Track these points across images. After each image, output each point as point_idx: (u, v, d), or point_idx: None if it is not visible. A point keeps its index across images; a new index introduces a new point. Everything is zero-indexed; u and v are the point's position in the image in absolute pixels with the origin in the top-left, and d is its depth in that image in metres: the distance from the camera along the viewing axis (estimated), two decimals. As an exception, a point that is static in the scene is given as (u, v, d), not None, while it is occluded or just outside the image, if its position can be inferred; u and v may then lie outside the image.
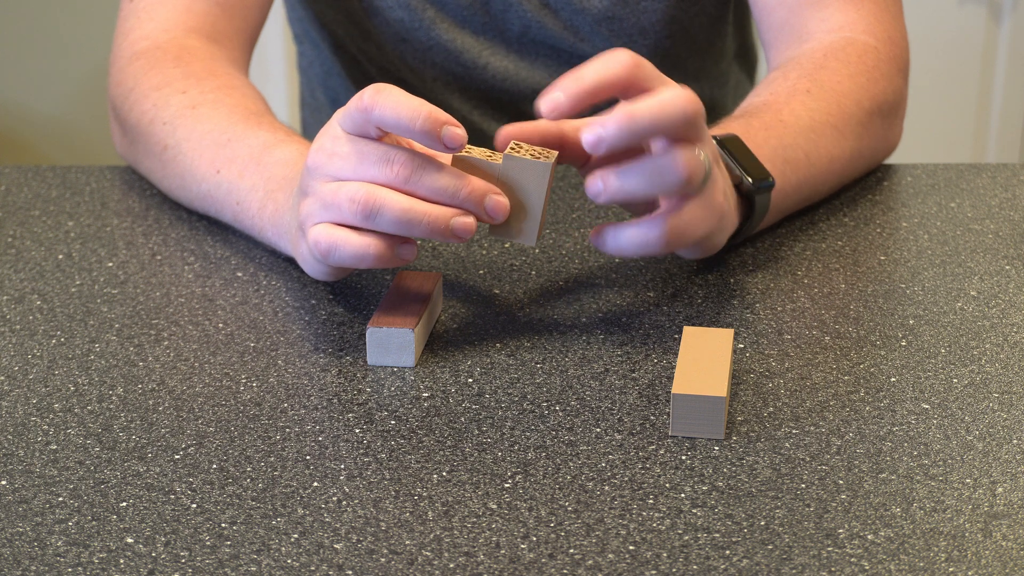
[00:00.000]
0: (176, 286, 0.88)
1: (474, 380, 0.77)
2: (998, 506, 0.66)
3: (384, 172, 0.75)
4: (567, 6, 1.15)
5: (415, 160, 0.75)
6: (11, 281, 0.89)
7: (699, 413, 0.71)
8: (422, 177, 0.75)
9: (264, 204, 0.88)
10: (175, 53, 1.00)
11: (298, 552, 0.63)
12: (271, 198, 0.87)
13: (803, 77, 0.98)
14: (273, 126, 0.92)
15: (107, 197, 1.02)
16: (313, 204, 0.78)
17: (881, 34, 1.03)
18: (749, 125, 0.92)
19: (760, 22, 1.09)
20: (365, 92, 0.75)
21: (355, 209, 0.75)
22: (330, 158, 0.77)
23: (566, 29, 1.16)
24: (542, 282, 0.88)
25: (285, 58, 2.45)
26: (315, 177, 0.78)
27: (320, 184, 0.77)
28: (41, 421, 0.73)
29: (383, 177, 0.76)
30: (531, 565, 0.62)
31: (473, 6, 1.16)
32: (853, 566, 0.62)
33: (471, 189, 0.76)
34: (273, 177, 0.88)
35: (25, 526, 0.65)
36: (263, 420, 0.73)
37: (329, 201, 0.76)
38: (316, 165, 0.78)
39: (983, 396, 0.75)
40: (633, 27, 1.16)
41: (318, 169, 0.78)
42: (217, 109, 0.94)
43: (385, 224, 0.75)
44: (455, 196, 0.76)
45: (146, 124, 0.98)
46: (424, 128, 0.74)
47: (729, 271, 0.89)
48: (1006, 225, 0.97)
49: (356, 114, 0.75)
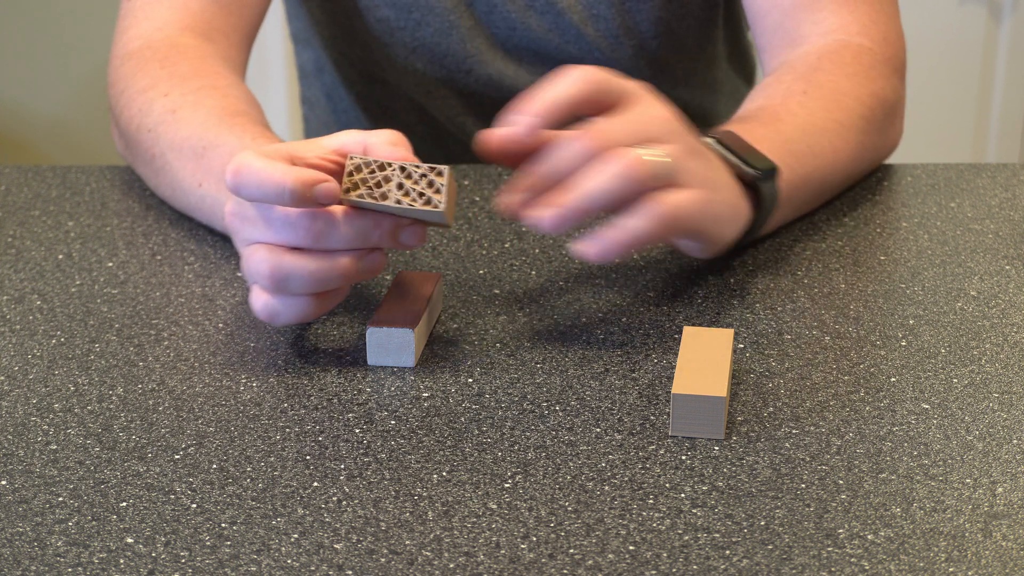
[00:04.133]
0: (176, 286, 0.88)
1: (474, 380, 0.77)
2: (998, 506, 0.66)
3: (291, 236, 0.75)
4: (551, 7, 1.15)
5: (318, 220, 0.74)
6: (11, 281, 0.89)
7: (699, 413, 0.71)
8: (331, 232, 0.74)
9: None
10: (164, 53, 1.00)
11: (298, 552, 0.63)
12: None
13: (798, 80, 0.98)
14: (244, 129, 0.90)
15: (107, 197, 1.02)
16: (242, 265, 0.78)
17: (876, 35, 1.03)
18: (746, 128, 0.91)
19: (754, 26, 1.08)
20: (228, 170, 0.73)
21: (265, 282, 0.75)
22: (242, 223, 0.76)
23: (551, 31, 1.16)
24: (542, 282, 0.88)
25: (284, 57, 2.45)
26: (236, 239, 0.78)
27: (242, 247, 0.77)
28: (41, 421, 0.73)
29: (293, 240, 0.75)
30: (531, 565, 0.62)
31: (458, 8, 1.15)
32: (853, 566, 0.62)
33: (381, 231, 0.75)
34: None
35: (25, 526, 0.65)
36: (263, 420, 0.73)
37: (246, 268, 0.76)
38: (233, 228, 0.77)
39: (983, 396, 0.75)
40: (619, 28, 1.15)
41: (236, 233, 0.77)
42: (196, 112, 0.93)
43: (297, 289, 0.75)
44: (367, 241, 0.75)
45: (134, 131, 0.98)
46: (294, 197, 0.72)
47: (729, 271, 0.89)
48: (1006, 225, 0.97)
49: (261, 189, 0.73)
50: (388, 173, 0.74)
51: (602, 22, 1.15)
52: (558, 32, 1.16)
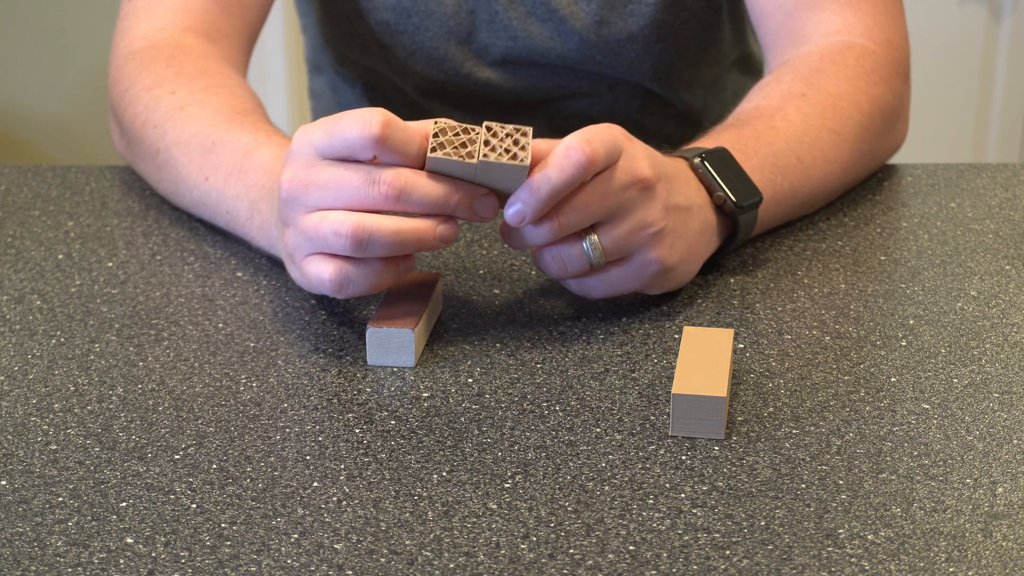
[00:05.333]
0: (176, 286, 0.88)
1: (474, 380, 0.77)
2: (998, 506, 0.66)
3: (370, 194, 0.74)
4: (553, 14, 1.14)
5: (401, 177, 0.74)
6: (11, 281, 0.89)
7: (699, 413, 0.71)
8: (411, 194, 0.74)
9: (251, 215, 0.87)
10: (169, 52, 1.00)
11: (298, 552, 0.63)
12: (256, 209, 0.87)
13: (798, 81, 0.98)
14: (256, 126, 0.91)
15: (107, 197, 1.02)
16: (297, 237, 0.77)
17: (879, 37, 1.03)
18: (740, 135, 0.91)
19: (758, 26, 1.08)
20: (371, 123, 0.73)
21: (343, 243, 0.74)
22: (307, 188, 0.75)
23: (552, 38, 1.15)
24: (542, 282, 0.88)
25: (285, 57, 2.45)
26: (293, 208, 0.76)
27: (300, 216, 0.76)
28: (41, 421, 0.73)
29: (369, 200, 0.74)
30: (531, 565, 0.62)
31: (459, 14, 1.15)
32: (853, 566, 0.62)
33: (459, 197, 0.75)
34: (255, 186, 0.87)
35: (25, 526, 0.65)
36: (263, 420, 0.73)
37: (313, 234, 0.75)
38: (292, 196, 0.76)
39: (983, 396, 0.75)
40: (621, 32, 1.15)
41: (295, 200, 0.76)
42: (204, 110, 0.94)
43: (377, 250, 0.75)
44: (445, 206, 0.75)
45: (139, 127, 0.98)
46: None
47: (729, 271, 0.89)
48: (1006, 225, 0.97)
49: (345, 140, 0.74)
50: (473, 136, 0.74)
51: (605, 27, 1.15)
52: (560, 38, 1.15)
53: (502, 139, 0.74)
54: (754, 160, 0.89)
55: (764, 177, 0.89)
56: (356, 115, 0.74)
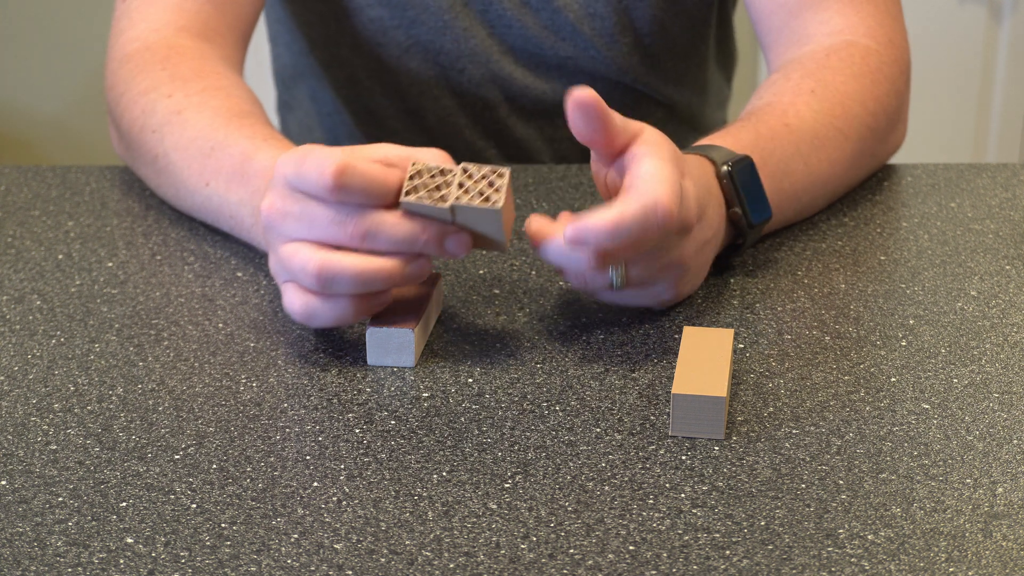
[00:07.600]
0: (176, 286, 0.88)
1: (474, 380, 0.77)
2: (998, 506, 0.66)
3: (337, 233, 0.74)
4: (548, 5, 1.15)
5: (367, 219, 0.74)
6: (11, 281, 0.89)
7: (699, 413, 0.71)
8: (377, 235, 0.74)
9: (255, 221, 0.87)
10: (163, 54, 0.99)
11: (298, 552, 0.63)
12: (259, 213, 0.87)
13: (807, 77, 0.98)
14: (253, 129, 0.90)
15: (107, 197, 1.02)
16: (276, 264, 0.77)
17: (882, 37, 1.03)
18: (758, 134, 0.91)
19: (758, 25, 1.08)
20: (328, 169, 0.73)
21: (309, 280, 0.75)
22: (283, 218, 0.76)
23: (546, 28, 1.16)
24: (542, 282, 0.88)
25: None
26: (272, 235, 0.77)
27: (279, 244, 0.76)
28: (41, 421, 0.73)
29: (338, 238, 0.74)
30: (531, 565, 0.62)
31: (454, 7, 1.15)
32: (853, 566, 0.62)
33: (428, 236, 0.75)
34: (257, 191, 0.87)
35: (25, 526, 0.65)
36: (263, 420, 0.73)
37: (287, 266, 0.76)
38: (271, 224, 0.77)
39: (983, 396, 0.75)
40: (615, 26, 1.15)
41: (273, 228, 0.77)
42: (201, 113, 0.93)
43: (343, 289, 0.75)
44: (414, 245, 0.75)
45: (137, 132, 0.97)
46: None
47: (729, 271, 0.89)
48: (1006, 225, 0.97)
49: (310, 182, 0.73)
50: (449, 178, 0.74)
51: (599, 20, 1.15)
52: (554, 30, 1.15)
53: (477, 180, 0.74)
54: (769, 166, 0.90)
55: (774, 184, 0.90)
56: (317, 158, 0.73)
